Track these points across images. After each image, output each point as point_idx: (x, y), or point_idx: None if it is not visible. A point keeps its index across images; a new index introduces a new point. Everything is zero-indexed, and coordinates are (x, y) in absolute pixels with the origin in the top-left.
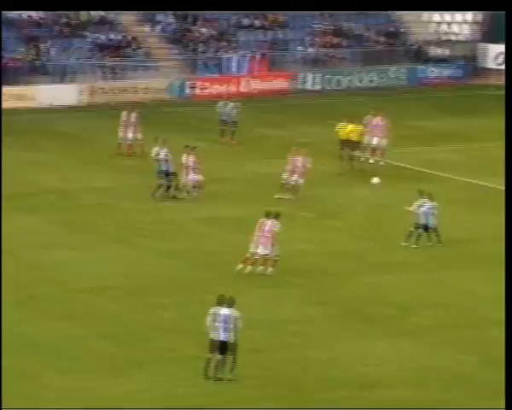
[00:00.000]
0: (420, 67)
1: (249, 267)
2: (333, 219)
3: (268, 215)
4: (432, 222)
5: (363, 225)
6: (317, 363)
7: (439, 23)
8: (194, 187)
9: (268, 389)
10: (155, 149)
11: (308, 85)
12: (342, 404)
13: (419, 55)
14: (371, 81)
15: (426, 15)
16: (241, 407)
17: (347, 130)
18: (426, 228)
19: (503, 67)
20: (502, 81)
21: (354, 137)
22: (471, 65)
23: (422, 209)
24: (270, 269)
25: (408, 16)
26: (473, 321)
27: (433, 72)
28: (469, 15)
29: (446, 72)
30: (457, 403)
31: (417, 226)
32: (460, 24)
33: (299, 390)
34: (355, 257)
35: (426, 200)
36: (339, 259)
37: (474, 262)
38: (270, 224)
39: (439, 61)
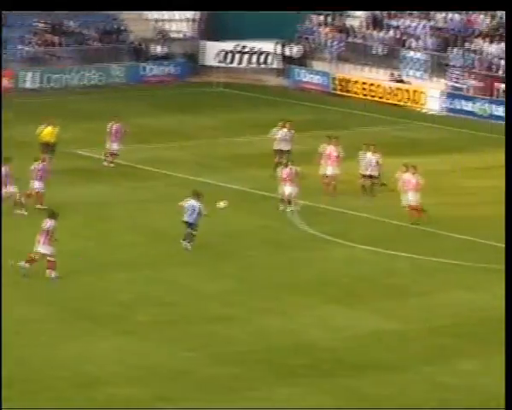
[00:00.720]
0: (140, 64)
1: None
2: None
3: (50, 215)
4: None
5: (84, 223)
6: (40, 363)
7: (158, 21)
8: None
9: None
10: None
11: (28, 84)
12: (63, 404)
13: (139, 53)
14: (91, 79)
15: (146, 13)
16: None
17: (46, 132)
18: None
19: (224, 64)
20: (223, 79)
21: (51, 139)
22: (191, 62)
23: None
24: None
25: (127, 14)
26: (197, 318)
27: (153, 69)
28: (189, 13)
29: (166, 69)
30: (180, 399)
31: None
32: (180, 21)
33: (24, 392)
34: (77, 256)
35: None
36: (62, 258)
37: (198, 259)
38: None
39: (159, 58)
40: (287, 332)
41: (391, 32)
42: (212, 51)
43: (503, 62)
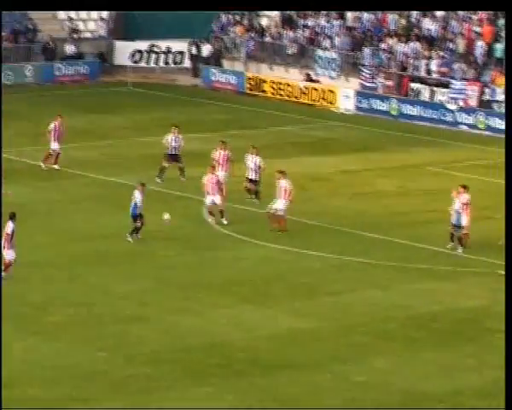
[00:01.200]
0: (53, 64)
1: None
2: None
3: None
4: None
5: None
6: None
7: (71, 20)
8: None
9: None
10: None
11: None
12: None
13: (52, 53)
14: (4, 79)
15: (59, 13)
16: None
17: None
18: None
19: (136, 64)
20: (135, 78)
21: None
22: (104, 62)
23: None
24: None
25: (40, 14)
26: (111, 318)
27: (65, 69)
28: (103, 13)
29: (79, 69)
30: (94, 400)
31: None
32: (93, 21)
33: None
34: None
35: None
36: None
37: (112, 259)
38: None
39: (72, 58)
40: (201, 332)
41: (303, 32)
42: (125, 51)
43: (416, 62)
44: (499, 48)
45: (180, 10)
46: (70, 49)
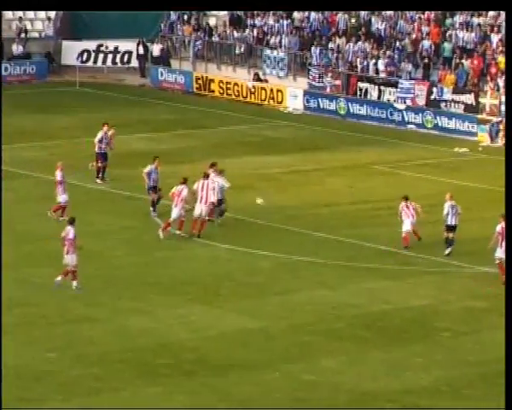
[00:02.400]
0: (1, 64)
1: None
2: None
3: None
4: None
5: None
6: None
7: (20, 19)
8: None
9: None
10: None
11: None
12: None
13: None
14: None
15: (6, 12)
16: None
17: None
18: None
19: (85, 64)
20: (84, 78)
21: None
22: (52, 62)
23: None
24: None
25: None
26: (60, 319)
27: (12, 69)
28: (51, 13)
29: (27, 69)
30: (42, 400)
31: None
32: (40, 21)
33: None
34: None
35: None
36: None
37: (55, 260)
38: None
39: (20, 58)
40: (150, 332)
41: (252, 31)
42: (73, 51)
43: (364, 62)
44: (447, 47)
45: (139, 10)
46: (17, 49)
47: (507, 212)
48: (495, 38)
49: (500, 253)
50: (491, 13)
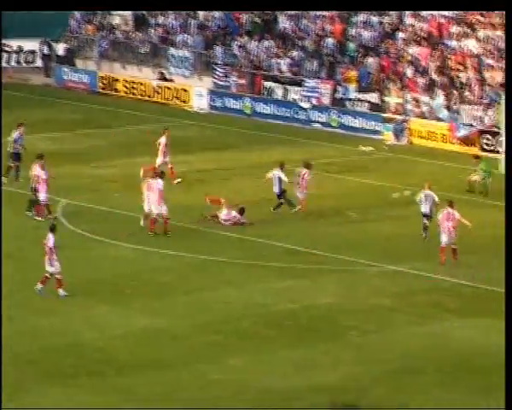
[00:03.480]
0: None
1: None
2: None
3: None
4: None
5: None
6: None
7: None
8: None
9: None
10: None
11: None
12: None
13: None
14: None
15: None
16: None
17: None
18: None
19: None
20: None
21: None
22: None
23: None
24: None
25: None
26: None
27: None
28: None
29: None
30: None
31: None
32: None
33: None
34: None
35: None
36: None
37: None
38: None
39: None
40: (57, 332)
41: (156, 30)
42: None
43: (269, 61)
44: (351, 46)
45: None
46: None
47: (507, 212)
48: (400, 35)
49: (444, 237)
50: (393, 12)
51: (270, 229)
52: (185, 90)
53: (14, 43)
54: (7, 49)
